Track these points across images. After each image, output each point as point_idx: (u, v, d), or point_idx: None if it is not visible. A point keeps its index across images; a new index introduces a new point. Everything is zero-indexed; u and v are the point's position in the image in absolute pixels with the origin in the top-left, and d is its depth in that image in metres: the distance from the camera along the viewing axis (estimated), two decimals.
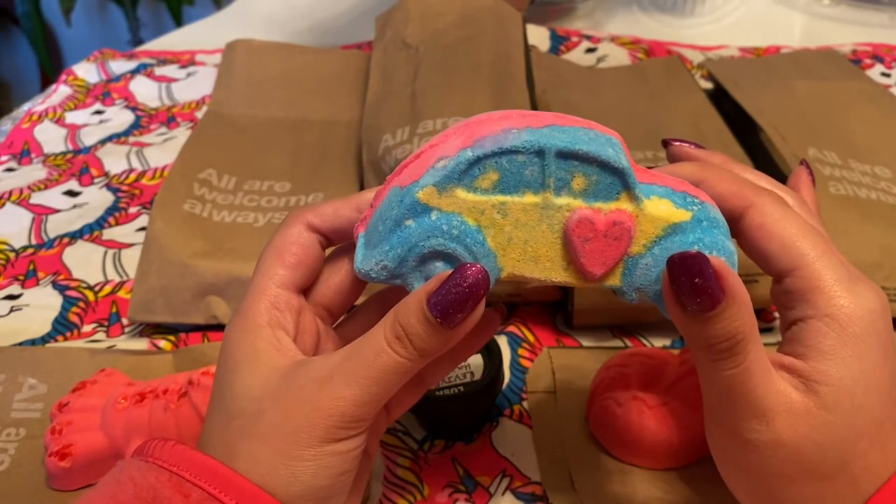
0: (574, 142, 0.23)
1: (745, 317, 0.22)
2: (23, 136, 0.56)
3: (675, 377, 0.31)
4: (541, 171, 0.23)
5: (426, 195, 0.23)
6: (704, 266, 0.21)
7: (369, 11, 0.66)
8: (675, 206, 0.23)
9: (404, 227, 0.23)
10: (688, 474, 0.31)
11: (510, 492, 0.31)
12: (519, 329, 0.39)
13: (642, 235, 0.23)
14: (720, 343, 0.22)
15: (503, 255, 0.23)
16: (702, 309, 0.21)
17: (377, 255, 0.23)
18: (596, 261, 0.23)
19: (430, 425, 0.34)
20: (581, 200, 0.23)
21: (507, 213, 0.23)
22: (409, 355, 0.23)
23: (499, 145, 0.23)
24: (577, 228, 0.23)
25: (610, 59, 0.63)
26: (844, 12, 0.73)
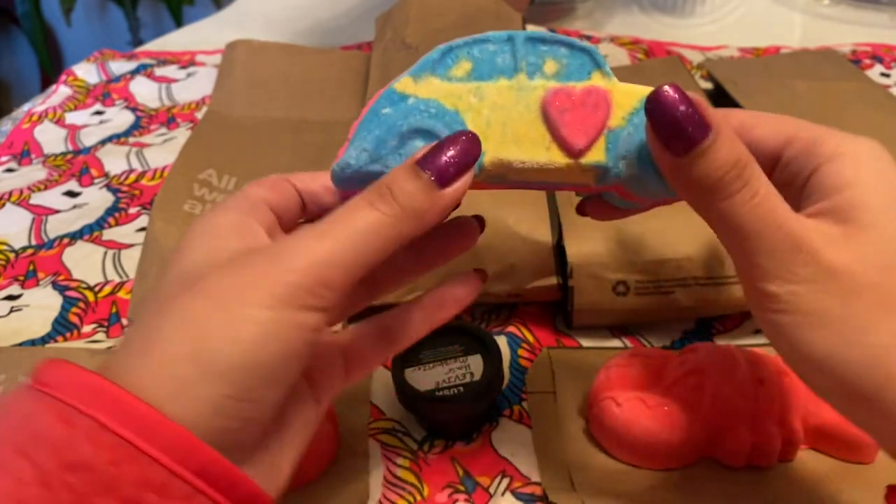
0: (542, 32, 0.24)
1: (739, 144, 0.21)
2: (23, 136, 0.56)
3: (674, 377, 0.31)
4: (512, 56, 0.24)
5: (402, 85, 0.24)
6: (682, 95, 0.21)
7: (369, 11, 0.66)
8: (646, 87, 0.24)
9: (382, 115, 0.23)
10: (688, 474, 0.31)
11: (510, 492, 0.31)
12: (519, 329, 0.39)
13: (619, 108, 0.24)
14: (727, 172, 0.21)
15: (484, 139, 0.23)
16: (693, 141, 0.21)
17: (356, 143, 0.23)
18: (577, 131, 0.23)
19: (430, 425, 0.34)
20: (555, 81, 0.24)
21: (483, 96, 0.24)
22: (392, 212, 0.21)
23: (470, 37, 0.24)
24: (554, 100, 0.23)
25: (610, 59, 0.63)
26: (844, 12, 0.73)
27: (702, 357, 0.32)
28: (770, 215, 0.21)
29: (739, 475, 0.31)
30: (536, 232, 0.38)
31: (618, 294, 0.37)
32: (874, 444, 0.30)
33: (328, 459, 0.31)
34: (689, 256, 0.36)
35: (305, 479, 0.31)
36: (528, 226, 0.38)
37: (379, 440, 0.33)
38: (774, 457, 0.30)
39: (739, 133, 0.24)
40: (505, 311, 0.40)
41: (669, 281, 0.37)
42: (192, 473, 0.17)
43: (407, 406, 0.33)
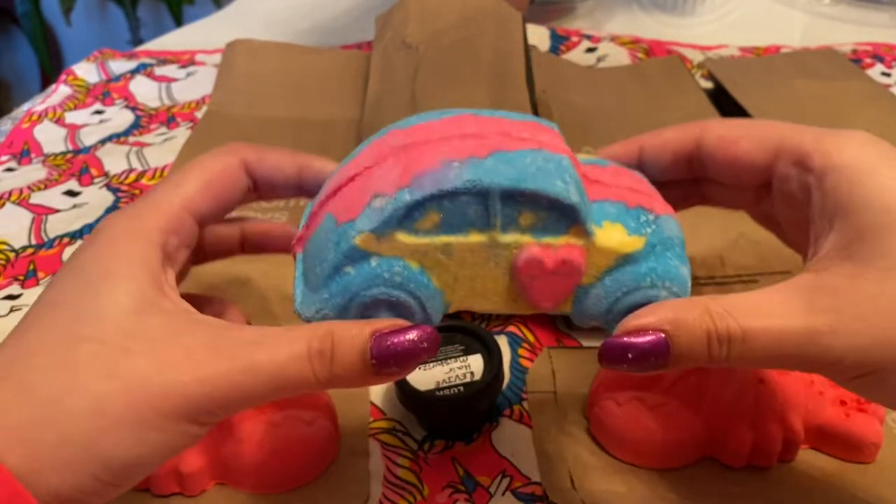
0: (520, 178, 0.21)
1: (698, 323, 0.20)
2: (23, 136, 0.56)
3: (675, 377, 0.31)
4: (485, 210, 0.21)
5: (364, 241, 0.21)
6: (620, 346, 0.21)
7: (369, 11, 0.66)
8: (628, 232, 0.23)
9: (343, 275, 0.22)
10: (688, 474, 0.31)
11: (510, 492, 0.31)
12: (519, 329, 0.39)
13: (593, 267, 0.22)
14: (710, 350, 0.20)
15: (450, 293, 0.23)
16: (662, 364, 0.21)
17: (317, 303, 0.22)
18: (545, 296, 0.23)
19: (430, 425, 0.34)
20: (529, 236, 0.22)
21: (451, 253, 0.22)
22: (321, 376, 0.20)
23: (439, 187, 0.21)
24: (525, 268, 0.22)
25: (610, 58, 0.63)
26: (845, 12, 0.72)
27: None
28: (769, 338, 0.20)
29: (740, 475, 0.31)
30: None
31: None
32: (875, 444, 0.30)
33: (328, 459, 0.31)
34: (690, 256, 0.36)
35: (305, 479, 0.31)
36: None
37: (379, 440, 0.33)
38: (775, 457, 0.30)
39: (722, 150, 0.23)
40: None
41: None
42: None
43: (407, 406, 0.33)
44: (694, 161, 0.25)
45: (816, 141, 0.22)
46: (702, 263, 0.36)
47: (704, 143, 0.24)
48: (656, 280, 0.23)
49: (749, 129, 0.24)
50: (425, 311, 0.23)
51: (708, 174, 0.25)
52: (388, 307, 0.22)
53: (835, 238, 0.21)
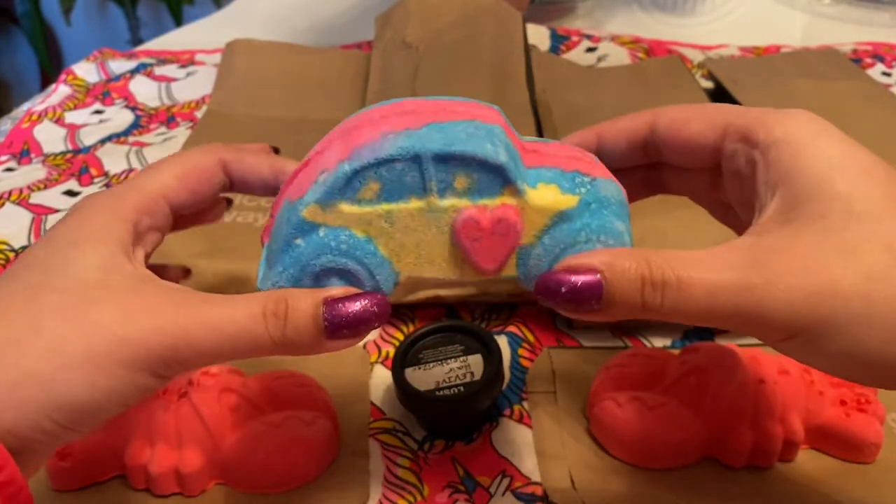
0: (450, 142, 0.22)
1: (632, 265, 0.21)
2: (22, 135, 0.56)
3: (675, 377, 0.31)
4: (420, 176, 0.22)
5: (311, 213, 0.23)
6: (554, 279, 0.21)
7: (369, 11, 0.66)
8: (562, 190, 0.23)
9: (294, 247, 0.23)
10: (688, 474, 0.31)
11: (510, 492, 0.31)
12: (519, 329, 0.39)
13: (531, 226, 0.23)
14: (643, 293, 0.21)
15: (398, 261, 0.23)
16: (592, 302, 0.21)
17: (273, 277, 0.23)
18: (487, 257, 0.23)
19: (430, 425, 0.34)
20: (466, 199, 0.23)
21: (394, 220, 0.23)
22: (275, 336, 0.21)
23: (375, 155, 0.22)
24: (463, 230, 0.23)
25: (610, 58, 0.63)
26: (845, 11, 0.72)
27: (702, 357, 0.32)
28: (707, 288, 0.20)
29: (740, 475, 0.31)
30: None
31: None
32: (875, 444, 0.30)
33: (328, 459, 0.31)
34: None
35: (305, 479, 0.31)
36: None
37: (379, 440, 0.33)
38: (775, 457, 0.30)
39: (674, 130, 0.25)
40: (505, 310, 0.40)
41: None
42: None
43: (407, 406, 0.33)
44: (649, 146, 0.26)
45: (761, 118, 0.23)
46: None
47: (657, 127, 0.25)
48: (591, 234, 0.23)
49: (699, 111, 0.25)
50: (374, 279, 0.23)
51: (663, 159, 0.26)
52: (339, 275, 0.23)
53: (775, 205, 0.21)
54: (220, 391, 0.31)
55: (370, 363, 0.37)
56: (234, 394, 0.31)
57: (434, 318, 0.39)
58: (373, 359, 0.37)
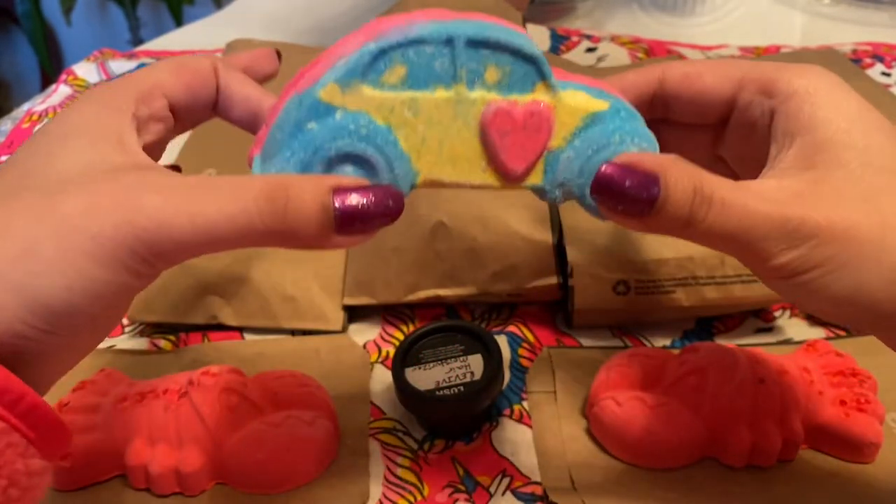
0: (483, 30, 0.21)
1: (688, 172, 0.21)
2: (23, 136, 0.56)
3: (675, 377, 0.31)
4: (451, 62, 0.21)
5: (328, 94, 0.21)
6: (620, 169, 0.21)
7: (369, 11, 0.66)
8: (592, 97, 0.23)
9: (307, 131, 0.21)
10: (688, 474, 0.31)
11: (510, 492, 0.31)
12: (519, 329, 0.39)
13: (562, 128, 0.22)
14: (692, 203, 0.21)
15: (418, 158, 0.22)
16: (650, 201, 0.21)
17: (277, 164, 0.21)
18: (516, 155, 0.22)
19: (430, 425, 0.34)
20: (496, 93, 0.22)
21: (418, 110, 0.21)
22: (270, 225, 0.19)
23: (404, 35, 0.21)
24: (494, 121, 0.22)
25: (610, 58, 0.63)
26: (845, 12, 0.72)
27: (702, 357, 0.32)
28: (744, 211, 0.21)
29: (740, 475, 0.31)
30: (536, 232, 0.38)
31: (618, 293, 0.37)
32: (874, 444, 0.30)
33: (328, 459, 0.31)
34: (690, 256, 0.36)
35: (305, 479, 0.31)
36: (528, 226, 0.38)
37: (379, 440, 0.33)
38: (775, 456, 0.30)
39: (687, 84, 0.25)
40: (505, 310, 0.40)
41: (670, 280, 0.37)
42: None
43: (407, 406, 0.33)
44: (656, 101, 0.26)
45: (779, 71, 0.24)
46: (702, 263, 0.36)
47: (667, 81, 0.25)
48: (625, 136, 0.23)
49: (711, 65, 0.25)
50: (393, 172, 0.22)
51: (669, 114, 0.26)
52: (354, 162, 0.21)
53: (794, 152, 0.22)
54: (220, 391, 0.31)
55: (370, 363, 0.37)
56: (235, 394, 0.31)
57: (434, 318, 0.39)
58: (373, 359, 0.37)
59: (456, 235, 0.38)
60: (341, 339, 0.38)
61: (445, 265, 0.38)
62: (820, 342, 0.34)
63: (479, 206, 0.39)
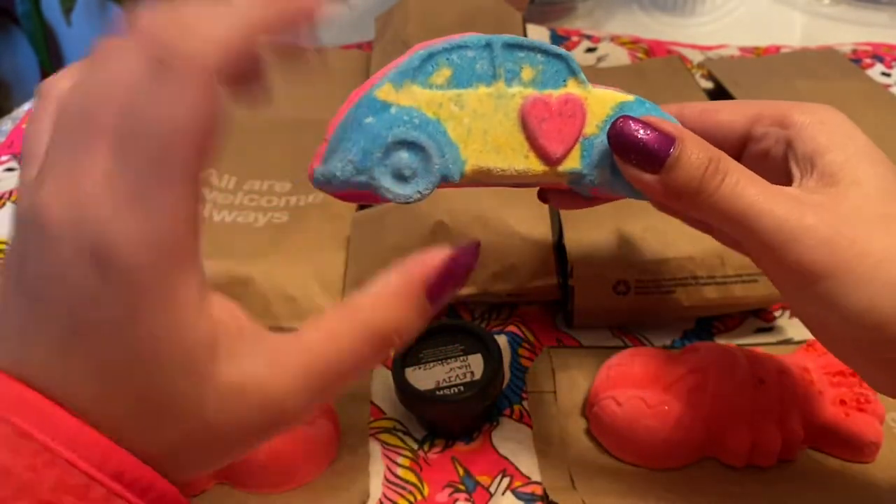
0: (519, 38, 0.25)
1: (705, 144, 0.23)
2: (23, 136, 0.56)
3: (675, 376, 0.31)
4: (490, 63, 0.24)
5: (384, 93, 0.24)
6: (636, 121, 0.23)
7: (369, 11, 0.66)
8: (618, 92, 0.26)
9: (365, 125, 0.23)
10: (688, 474, 0.31)
11: (510, 491, 0.31)
12: (519, 329, 0.39)
13: (594, 116, 0.25)
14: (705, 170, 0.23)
15: (465, 147, 0.24)
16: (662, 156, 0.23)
17: (341, 154, 0.24)
18: (555, 139, 0.24)
19: (430, 425, 0.34)
20: (532, 89, 0.25)
21: (463, 104, 0.24)
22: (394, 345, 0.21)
23: (449, 42, 0.24)
24: (532, 110, 0.24)
25: (610, 58, 0.63)
26: (845, 12, 0.72)
27: (702, 356, 0.32)
28: (759, 197, 0.23)
29: (740, 475, 0.31)
30: (536, 231, 0.38)
31: (618, 293, 0.37)
32: (874, 444, 0.30)
33: (328, 459, 0.31)
34: (690, 256, 0.36)
35: (305, 479, 0.31)
36: (528, 225, 0.38)
37: (379, 439, 0.33)
38: (775, 456, 0.30)
39: (703, 118, 0.27)
40: (505, 310, 0.40)
41: (670, 280, 0.37)
42: (109, 477, 0.17)
43: (407, 405, 0.33)
44: None
45: (793, 106, 0.26)
46: (701, 263, 0.36)
47: (685, 116, 0.27)
48: None
49: (727, 103, 0.27)
50: (444, 157, 0.24)
51: None
52: (409, 148, 0.24)
53: (817, 172, 0.24)
54: None
55: None
56: None
57: (434, 318, 0.39)
58: None
59: (456, 235, 0.38)
60: None
61: None
62: None
63: (478, 205, 0.39)
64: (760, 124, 0.26)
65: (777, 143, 0.25)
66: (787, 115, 0.25)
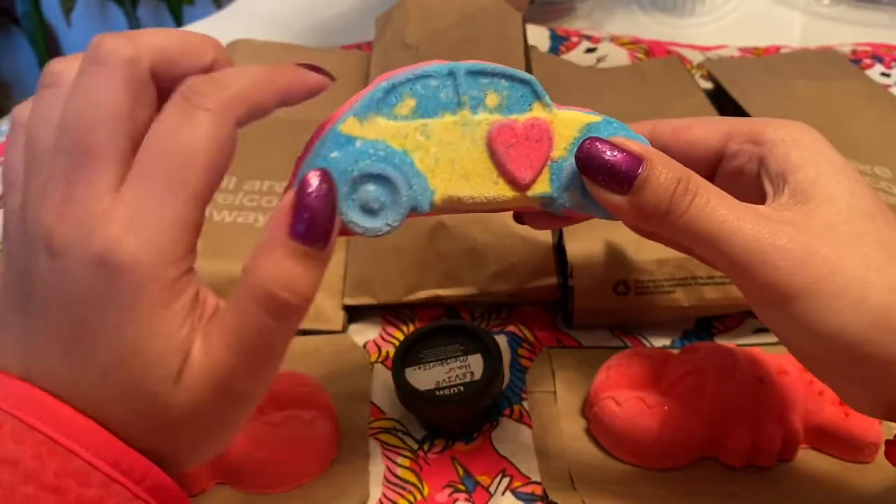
0: (482, 65, 0.24)
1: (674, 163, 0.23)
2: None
3: (675, 377, 0.31)
4: (454, 91, 0.24)
5: (348, 126, 0.23)
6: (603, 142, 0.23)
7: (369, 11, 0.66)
8: (585, 113, 0.25)
9: (330, 160, 0.23)
10: (688, 474, 0.31)
11: (510, 492, 0.31)
12: (519, 329, 0.39)
13: (561, 139, 0.25)
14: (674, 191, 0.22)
15: (433, 176, 0.24)
16: (630, 176, 0.23)
17: None
18: (523, 164, 0.24)
19: (430, 425, 0.34)
20: (498, 114, 0.24)
21: (429, 134, 0.24)
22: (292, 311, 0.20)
23: (412, 73, 0.24)
24: (499, 136, 0.24)
25: (610, 59, 0.63)
26: (844, 12, 0.72)
27: (702, 356, 0.32)
28: (730, 216, 0.22)
29: (739, 475, 0.31)
30: (536, 232, 0.38)
31: (618, 293, 0.37)
32: (874, 444, 0.30)
33: (328, 459, 0.31)
34: (690, 256, 0.36)
35: (305, 479, 0.31)
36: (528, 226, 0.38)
37: (379, 440, 0.33)
38: (774, 456, 0.30)
39: (676, 137, 0.27)
40: (505, 310, 0.40)
41: (670, 280, 0.37)
42: (108, 465, 0.19)
43: (407, 405, 0.33)
44: None
45: (766, 123, 0.25)
46: (701, 263, 0.36)
47: (658, 134, 0.27)
48: None
49: (700, 120, 0.27)
50: (411, 188, 0.24)
51: None
52: (376, 181, 0.23)
53: (788, 189, 0.24)
54: None
55: (370, 363, 0.37)
56: None
57: (434, 318, 0.39)
58: (373, 358, 0.37)
59: (456, 235, 0.38)
60: (341, 339, 0.38)
61: (445, 265, 0.38)
62: None
63: None
64: (734, 142, 0.26)
65: (750, 161, 0.25)
66: (761, 133, 0.25)
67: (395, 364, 0.33)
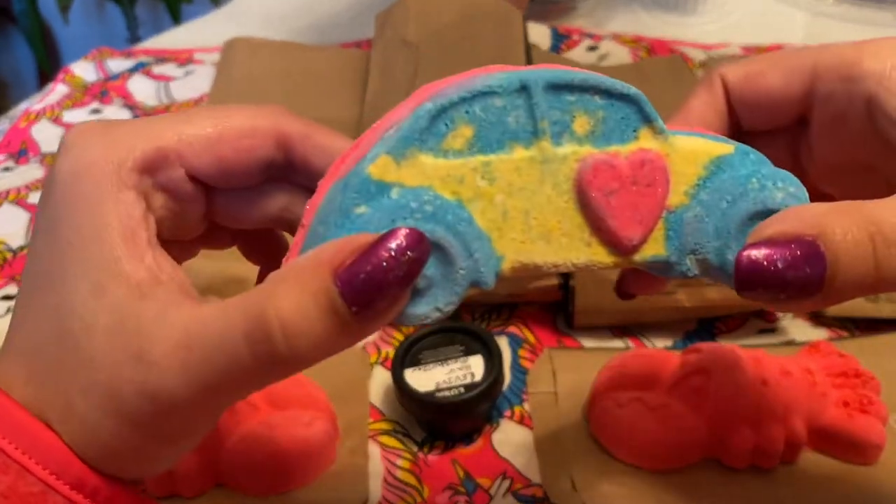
0: (566, 74, 0.17)
1: (850, 212, 0.16)
2: (20, 135, 0.56)
3: (676, 378, 0.31)
4: (529, 113, 0.17)
5: (380, 169, 0.17)
6: (769, 251, 0.16)
7: (369, 9, 0.65)
8: (710, 140, 0.18)
9: (355, 218, 0.17)
10: (690, 475, 0.31)
11: (511, 494, 0.31)
12: (519, 330, 0.38)
13: (680, 180, 0.18)
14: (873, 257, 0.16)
15: (500, 237, 0.18)
16: (816, 283, 0.16)
17: None
18: (629, 219, 0.17)
19: (430, 427, 0.33)
20: (590, 146, 0.18)
21: (494, 176, 0.17)
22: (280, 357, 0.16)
23: (466, 89, 0.17)
24: (595, 179, 0.17)
25: (611, 57, 0.62)
26: (847, 11, 0.72)
27: (704, 357, 0.31)
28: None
29: (742, 476, 0.30)
30: None
31: None
32: (877, 446, 0.30)
33: (327, 461, 0.31)
34: None
35: (304, 481, 0.30)
36: None
37: (379, 441, 0.33)
38: (777, 458, 0.30)
39: (749, 87, 0.21)
40: (505, 311, 0.40)
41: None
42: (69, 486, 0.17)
43: (407, 407, 0.33)
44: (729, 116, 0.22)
45: (859, 49, 0.20)
46: None
47: (729, 86, 0.21)
48: (765, 181, 0.18)
49: (773, 61, 0.21)
50: (472, 257, 0.17)
51: (741, 126, 0.22)
52: None
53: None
54: None
55: (370, 364, 0.37)
56: None
57: None
58: (372, 359, 0.37)
59: None
60: None
61: None
62: (823, 343, 0.34)
63: None
64: (823, 82, 0.20)
65: (853, 103, 0.19)
66: (856, 64, 0.19)
67: (395, 365, 0.33)
